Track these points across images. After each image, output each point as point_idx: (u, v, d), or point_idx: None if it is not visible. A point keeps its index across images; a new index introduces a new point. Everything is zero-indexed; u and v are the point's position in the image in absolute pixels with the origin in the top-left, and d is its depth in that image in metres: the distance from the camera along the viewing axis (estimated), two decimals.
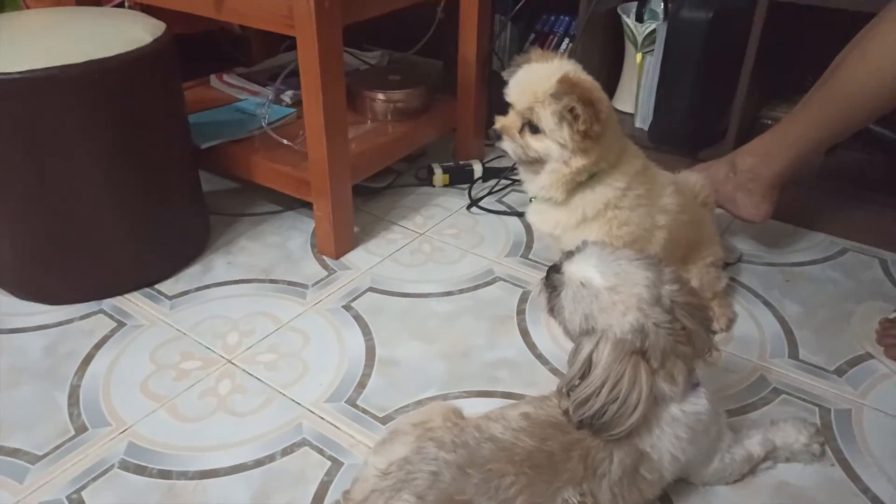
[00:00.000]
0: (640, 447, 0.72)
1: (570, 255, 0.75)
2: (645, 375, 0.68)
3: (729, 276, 1.18)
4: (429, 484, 0.67)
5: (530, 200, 1.06)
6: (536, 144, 0.97)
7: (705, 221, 1.13)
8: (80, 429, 0.91)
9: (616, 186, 0.99)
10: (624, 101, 1.62)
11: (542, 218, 1.04)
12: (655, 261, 0.73)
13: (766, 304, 1.17)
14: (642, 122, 1.53)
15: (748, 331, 1.11)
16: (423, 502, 0.66)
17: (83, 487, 0.83)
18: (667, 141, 1.45)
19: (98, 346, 1.05)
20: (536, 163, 0.99)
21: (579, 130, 0.92)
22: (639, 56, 1.51)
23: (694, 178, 1.19)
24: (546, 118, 0.93)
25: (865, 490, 0.84)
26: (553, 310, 0.75)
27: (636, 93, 1.54)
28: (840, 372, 1.02)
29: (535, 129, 0.96)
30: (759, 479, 0.85)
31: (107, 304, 1.13)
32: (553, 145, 0.95)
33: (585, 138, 0.93)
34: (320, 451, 0.88)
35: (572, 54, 1.47)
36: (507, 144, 0.99)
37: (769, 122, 1.42)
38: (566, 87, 0.91)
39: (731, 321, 1.11)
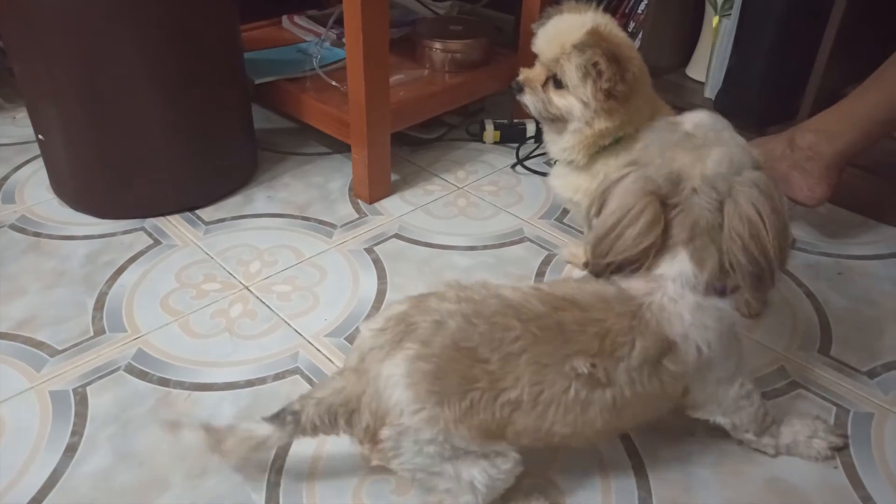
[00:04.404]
0: (670, 336, 0.66)
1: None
2: (649, 218, 0.63)
3: None
4: (433, 331, 0.63)
5: (553, 163, 1.03)
6: (559, 100, 0.93)
7: None
8: (99, 331, 0.97)
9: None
10: (698, 69, 1.52)
11: (563, 182, 1.01)
12: (760, 163, 0.66)
13: (809, 294, 1.08)
14: (712, 92, 1.43)
15: (781, 320, 1.03)
16: (428, 348, 0.62)
17: (89, 384, 0.89)
18: (733, 113, 1.32)
19: (132, 259, 1.12)
20: (559, 121, 0.95)
21: (602, 88, 0.87)
22: (715, 19, 1.41)
23: None
24: (570, 72, 0.89)
25: (866, 499, 0.77)
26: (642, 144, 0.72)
27: (709, 60, 1.44)
28: (872, 374, 0.93)
29: (558, 84, 0.92)
30: (752, 470, 0.80)
31: (149, 222, 1.20)
32: (576, 103, 0.91)
33: (609, 98, 0.88)
34: (309, 381, 0.91)
35: (646, 15, 1.39)
36: (528, 98, 0.95)
37: None
38: (593, 39, 0.87)
39: (762, 307, 1.04)
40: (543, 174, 1.38)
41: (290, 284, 1.08)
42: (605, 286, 0.68)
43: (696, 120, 0.67)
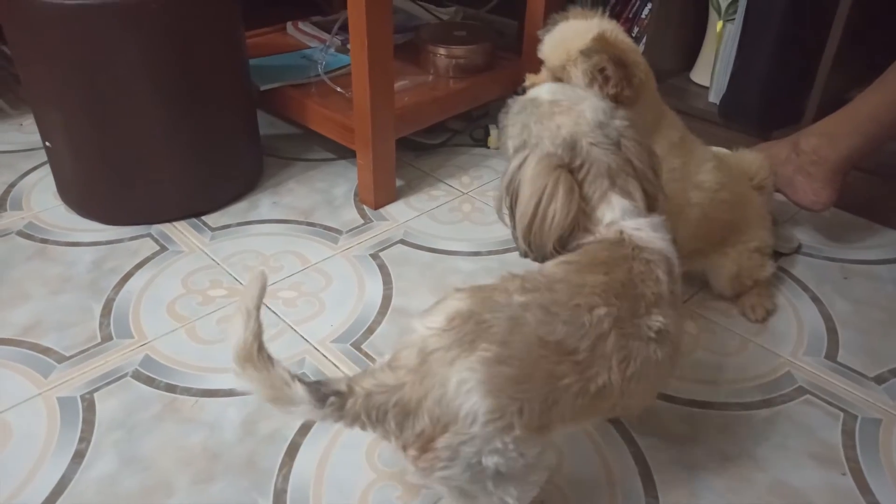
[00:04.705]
0: (665, 255, 0.69)
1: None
2: (564, 189, 0.67)
3: (778, 265, 1.10)
4: (509, 329, 0.58)
5: None
6: None
7: (751, 203, 1.05)
8: (106, 337, 0.98)
9: None
10: (701, 73, 1.52)
11: None
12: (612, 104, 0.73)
13: (815, 299, 1.08)
14: (716, 96, 1.43)
15: (786, 325, 1.03)
16: (508, 349, 0.58)
17: (96, 390, 0.90)
18: (737, 117, 1.35)
19: (139, 265, 1.12)
20: None
21: (609, 94, 0.87)
22: (719, 24, 1.41)
23: (751, 157, 1.11)
24: (576, 78, 0.89)
25: None
26: (504, 129, 0.76)
27: (713, 65, 1.45)
28: (880, 380, 0.93)
29: None
30: (758, 475, 0.80)
31: (155, 228, 1.21)
32: None
33: (615, 103, 0.88)
34: None
35: (650, 20, 1.39)
36: None
37: None
38: (599, 45, 0.87)
39: (768, 312, 1.03)
40: None
41: (296, 290, 1.08)
42: (594, 245, 0.69)
43: (547, 91, 0.73)
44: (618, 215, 0.69)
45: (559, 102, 0.71)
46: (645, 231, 0.69)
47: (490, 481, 0.59)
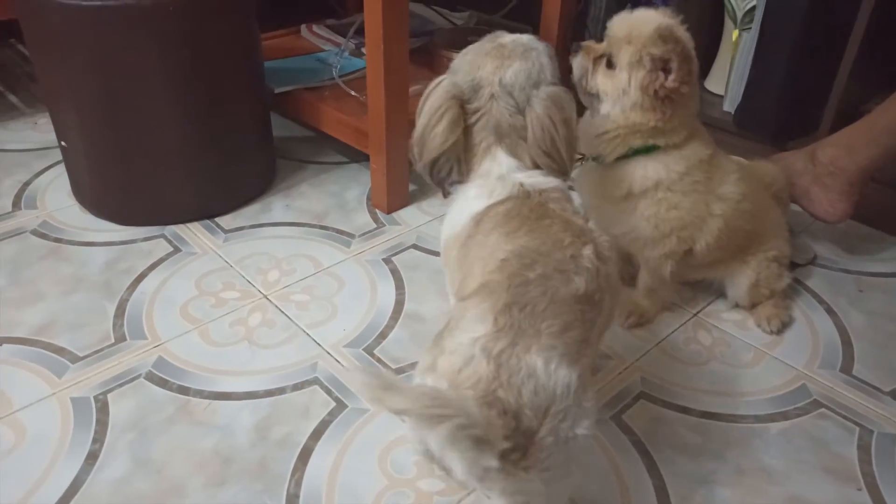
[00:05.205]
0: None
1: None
2: (449, 119, 0.73)
3: (794, 276, 1.09)
4: (551, 300, 0.60)
5: (580, 162, 1.01)
6: (601, 78, 0.92)
7: (771, 213, 1.04)
8: (120, 338, 0.98)
9: (673, 169, 0.93)
10: (716, 82, 1.51)
11: (585, 182, 1.00)
12: (559, 82, 0.76)
13: (829, 311, 1.07)
14: (731, 105, 1.43)
15: (801, 337, 1.02)
16: (563, 317, 0.60)
17: (110, 391, 0.90)
18: (752, 126, 1.35)
19: (153, 266, 1.12)
20: (594, 99, 0.94)
21: (663, 86, 0.87)
22: (735, 32, 1.41)
23: (767, 168, 1.11)
24: (625, 56, 0.88)
25: None
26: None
27: (728, 73, 1.44)
28: None
29: (609, 65, 0.91)
30: (772, 489, 0.80)
31: (168, 230, 1.21)
32: (617, 86, 0.90)
33: (664, 99, 0.88)
34: (328, 392, 0.91)
35: None
36: (577, 60, 0.94)
37: None
38: (670, 36, 0.87)
39: (783, 324, 1.03)
40: None
41: (309, 294, 1.08)
42: (512, 207, 0.71)
43: (516, 37, 0.77)
44: (504, 171, 0.74)
45: (504, 48, 0.75)
46: (537, 178, 0.73)
47: (581, 452, 0.60)
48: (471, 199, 0.74)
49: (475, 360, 0.57)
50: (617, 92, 0.91)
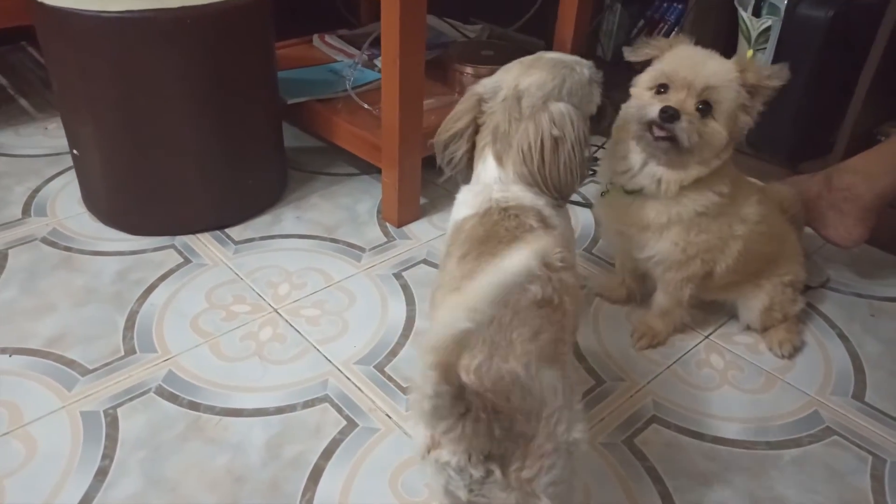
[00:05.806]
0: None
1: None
2: (467, 103, 0.78)
3: (807, 300, 1.09)
4: (514, 312, 0.61)
5: (602, 194, 1.00)
6: (714, 127, 0.88)
7: (787, 237, 1.04)
8: (130, 351, 0.98)
9: (719, 191, 0.92)
10: None
11: (616, 213, 0.98)
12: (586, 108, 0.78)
13: (842, 336, 1.07)
14: None
15: (813, 363, 1.02)
16: (531, 323, 0.61)
17: (120, 405, 0.89)
18: (766, 147, 1.35)
19: (163, 278, 1.12)
20: (685, 151, 0.89)
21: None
22: (749, 52, 1.41)
23: (783, 190, 1.10)
24: (729, 102, 0.87)
25: None
26: None
27: None
28: None
29: (705, 113, 0.88)
30: None
31: (179, 240, 1.21)
32: (723, 133, 0.88)
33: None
34: (339, 410, 0.90)
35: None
36: (684, 126, 0.85)
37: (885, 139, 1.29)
38: (757, 76, 0.88)
39: (795, 349, 1.02)
40: (573, 202, 1.38)
41: (319, 308, 1.08)
42: (476, 224, 0.72)
43: (559, 54, 0.79)
44: (489, 180, 0.75)
45: (539, 60, 0.77)
46: (513, 192, 0.74)
47: (583, 462, 0.60)
48: (460, 205, 0.77)
49: (438, 387, 0.54)
50: (723, 139, 0.88)
